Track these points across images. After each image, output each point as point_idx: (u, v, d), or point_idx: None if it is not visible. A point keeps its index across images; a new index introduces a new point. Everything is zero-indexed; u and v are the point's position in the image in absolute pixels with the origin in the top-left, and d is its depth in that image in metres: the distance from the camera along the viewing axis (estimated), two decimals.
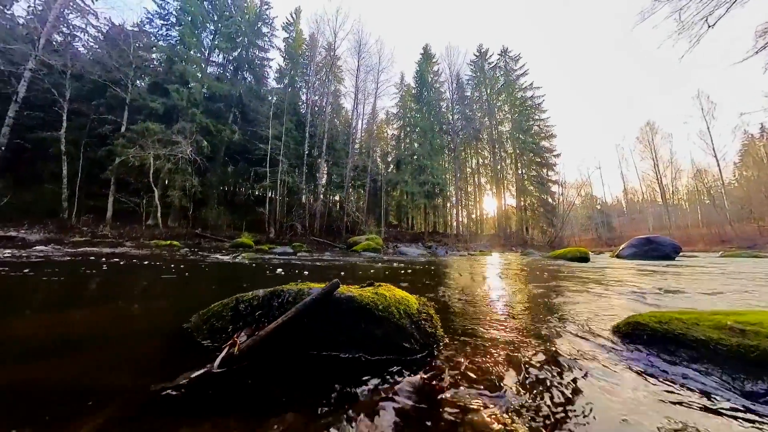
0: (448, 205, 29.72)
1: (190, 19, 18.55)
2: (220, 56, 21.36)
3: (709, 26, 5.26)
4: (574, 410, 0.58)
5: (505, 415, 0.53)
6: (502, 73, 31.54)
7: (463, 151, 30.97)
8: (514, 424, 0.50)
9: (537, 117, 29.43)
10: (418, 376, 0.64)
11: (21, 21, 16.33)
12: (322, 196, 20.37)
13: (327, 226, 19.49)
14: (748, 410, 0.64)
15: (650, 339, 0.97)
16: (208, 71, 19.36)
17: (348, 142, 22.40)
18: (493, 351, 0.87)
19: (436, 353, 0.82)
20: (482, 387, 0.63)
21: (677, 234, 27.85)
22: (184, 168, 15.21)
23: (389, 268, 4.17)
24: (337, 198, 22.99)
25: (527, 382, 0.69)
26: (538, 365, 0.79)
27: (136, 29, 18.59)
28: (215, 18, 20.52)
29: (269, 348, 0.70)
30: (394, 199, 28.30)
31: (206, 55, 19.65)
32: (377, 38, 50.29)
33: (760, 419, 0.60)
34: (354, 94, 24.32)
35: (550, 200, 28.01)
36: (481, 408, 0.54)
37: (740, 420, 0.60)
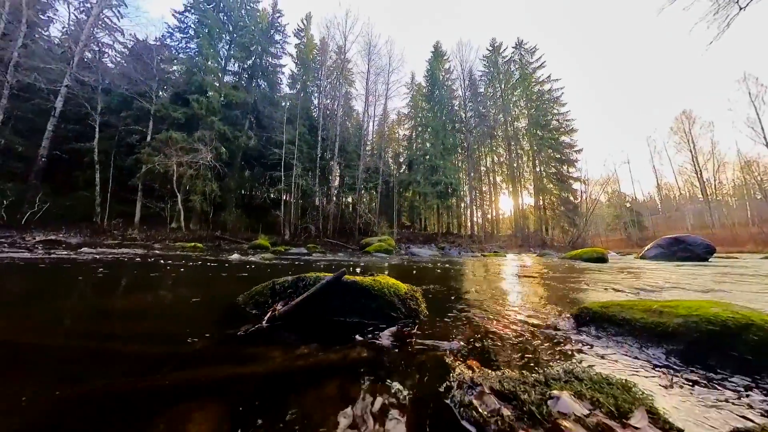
0: (462, 205, 29.44)
1: (207, 31, 19.75)
2: (236, 65, 22.52)
3: (741, 8, 5.11)
4: (507, 353, 0.88)
5: (447, 352, 0.84)
6: (517, 66, 30.74)
7: (477, 149, 30.56)
8: (451, 356, 0.81)
9: (555, 111, 28.53)
10: (396, 329, 0.96)
11: (56, 41, 18.07)
12: (335, 199, 20.97)
13: (340, 227, 20.04)
14: (643, 363, 0.91)
15: (591, 319, 1.24)
16: (224, 80, 20.50)
17: (360, 144, 22.92)
18: (462, 322, 1.18)
19: (416, 322, 1.13)
20: (441, 339, 0.94)
21: (721, 233, 25.74)
22: (204, 174, 16.23)
23: (398, 267, 4.51)
24: (349, 200, 23.56)
25: (477, 338, 0.99)
26: (493, 331, 1.09)
27: (158, 44, 20.05)
28: (230, 29, 21.70)
29: (299, 314, 1.04)
30: (407, 200, 28.45)
31: (223, 64, 20.81)
32: (387, 39, 50.85)
33: (644, 366, 0.88)
34: (365, 96, 24.86)
35: (571, 198, 27.08)
36: (432, 348, 0.86)
37: (627, 366, 0.88)
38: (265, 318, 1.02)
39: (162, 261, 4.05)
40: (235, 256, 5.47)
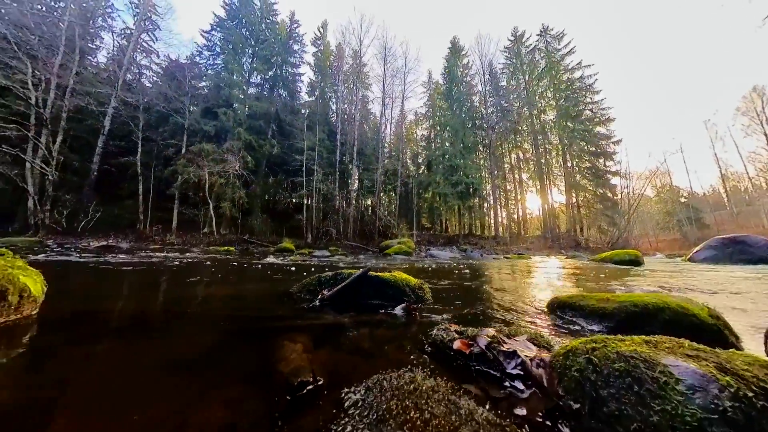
0: (485, 205, 28.64)
1: (231, 47, 21.44)
2: (258, 77, 24.13)
3: None
4: (481, 323, 1.31)
5: (438, 320, 1.30)
6: (542, 55, 29.01)
7: (500, 146, 29.60)
8: (439, 322, 1.27)
9: (588, 100, 26.71)
10: (405, 305, 1.44)
11: (102, 66, 20.52)
12: (354, 202, 21.75)
13: (360, 230, 20.77)
14: (576, 330, 1.32)
15: (558, 306, 1.64)
16: (248, 92, 22.09)
17: (377, 147, 23.55)
18: (456, 306, 1.63)
19: (421, 304, 1.60)
20: (436, 314, 1.40)
21: None
22: (233, 182, 17.66)
23: (417, 268, 4.96)
24: (368, 202, 24.24)
25: (463, 314, 1.44)
26: (478, 311, 1.53)
27: (188, 62, 22.07)
28: (252, 43, 23.34)
29: (339, 297, 1.55)
30: (426, 201, 28.36)
31: (246, 77, 22.43)
32: (402, 40, 51.31)
33: (574, 332, 1.28)
34: (381, 99, 25.46)
35: (609, 194, 25.09)
36: (428, 317, 1.32)
37: (572, 331, 1.29)
38: (317, 299, 1.54)
39: (209, 263, 4.81)
40: (270, 259, 6.21)
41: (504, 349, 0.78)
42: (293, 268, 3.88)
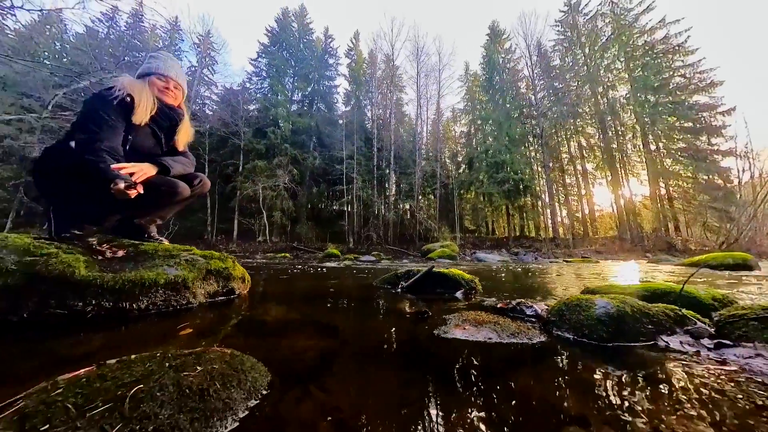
0: (539, 203, 25.85)
1: (275, 70, 24.01)
2: (299, 94, 26.47)
3: None
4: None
5: (487, 301, 1.82)
6: (607, 21, 24.60)
7: (554, 134, 26.41)
8: (488, 302, 1.79)
9: (679, 63, 21.25)
10: (463, 291, 1.99)
11: None
12: (393, 206, 22.51)
13: (400, 234, 21.43)
14: None
15: (588, 293, 2.03)
16: (291, 109, 24.43)
17: (414, 149, 24.04)
18: (503, 296, 2.12)
19: (474, 292, 2.12)
20: (488, 298, 1.92)
21: None
22: (282, 193, 19.72)
23: (465, 271, 5.40)
24: (407, 206, 24.78)
25: (511, 298, 1.93)
26: (521, 296, 2.01)
27: (240, 88, 25.25)
28: (293, 63, 25.78)
29: (413, 287, 2.15)
30: (468, 202, 27.47)
31: (289, 96, 24.84)
32: (435, 36, 51.16)
33: None
34: (416, 100, 25.81)
35: (719, 181, 19.49)
36: (480, 300, 1.84)
37: None
38: (398, 288, 2.17)
39: (284, 266, 5.86)
40: (327, 264, 7.16)
41: (526, 306, 1.34)
42: (355, 271, 4.63)
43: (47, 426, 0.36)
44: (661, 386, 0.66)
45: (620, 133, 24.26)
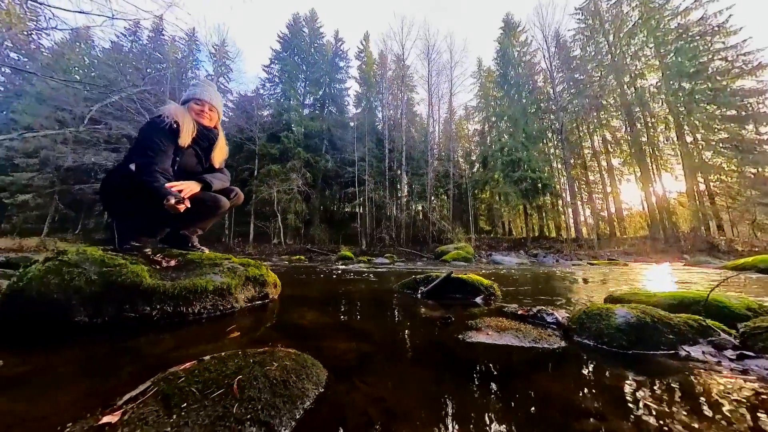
0: (560, 202, 24.79)
1: (287, 75, 24.67)
2: (311, 98, 27.06)
3: None
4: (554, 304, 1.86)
5: (507, 307, 1.89)
6: (634, 4, 23.11)
7: (575, 129, 25.27)
8: (508, 308, 1.86)
9: (719, 45, 19.47)
10: (482, 297, 2.06)
11: None
12: (405, 208, 22.57)
13: (412, 236, 21.45)
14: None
15: (611, 300, 2.05)
16: (303, 113, 25.01)
17: (426, 150, 24.00)
18: (523, 301, 2.18)
19: (493, 298, 2.19)
20: (508, 304, 1.99)
21: None
22: (296, 197, 20.21)
23: (481, 275, 5.42)
24: (420, 207, 24.76)
25: (531, 305, 1.99)
26: (541, 302, 2.06)
27: (254, 95, 26.12)
28: (304, 68, 26.40)
29: (432, 291, 2.25)
30: (483, 202, 27.10)
31: (301, 100, 25.45)
32: (446, 33, 50.86)
33: None
34: (427, 99, 25.76)
35: None
36: (499, 305, 1.91)
37: None
38: (418, 293, 2.28)
39: (303, 269, 6.07)
40: (343, 266, 7.34)
41: (546, 313, 1.41)
42: (372, 275, 4.75)
43: (185, 404, 0.49)
44: (676, 390, 0.74)
45: (650, 125, 22.47)
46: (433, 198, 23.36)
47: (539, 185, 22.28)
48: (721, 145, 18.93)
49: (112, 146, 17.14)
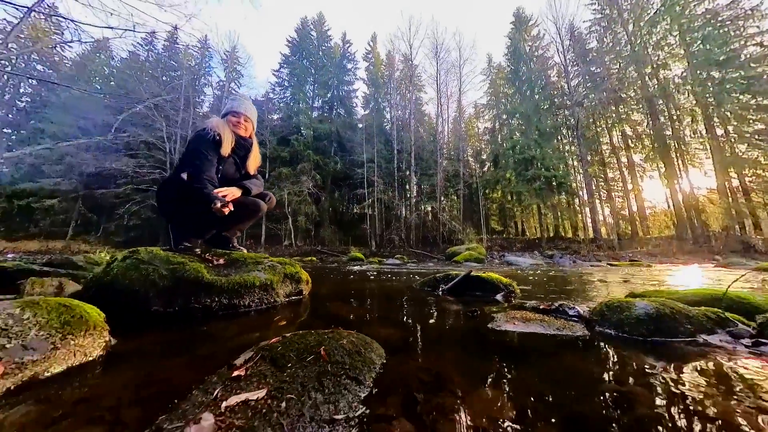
0: (576, 201, 23.97)
1: (296, 79, 25.17)
2: (319, 101, 27.48)
3: None
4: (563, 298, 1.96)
5: (526, 303, 1.99)
6: None
7: (592, 124, 24.51)
8: (529, 304, 1.96)
9: (753, 30, 18.38)
10: (503, 294, 2.17)
11: (203, 113, 26.35)
12: (415, 208, 22.63)
13: (422, 237, 21.49)
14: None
15: (632, 296, 2.12)
16: (312, 116, 25.45)
17: (435, 149, 24.01)
18: (542, 299, 2.27)
19: (512, 295, 2.29)
20: (528, 301, 2.08)
21: None
22: (306, 199, 20.58)
23: (500, 273, 5.48)
24: (429, 208, 24.75)
25: (551, 299, 2.08)
26: (560, 298, 2.15)
27: (264, 99, 26.74)
28: (313, 71, 26.86)
29: (453, 289, 2.37)
30: (495, 201, 26.81)
31: (310, 103, 25.90)
32: (455, 31, 50.55)
33: None
34: (436, 98, 25.71)
35: None
36: (519, 302, 2.02)
37: None
38: (439, 290, 2.40)
39: (318, 271, 6.26)
40: (360, 267, 7.50)
41: (568, 307, 1.51)
42: (387, 275, 4.89)
43: (290, 364, 0.64)
44: (692, 366, 0.84)
45: (675, 117, 21.35)
46: (442, 198, 23.33)
47: (554, 184, 21.74)
48: (756, 137, 17.65)
49: (131, 152, 17.92)
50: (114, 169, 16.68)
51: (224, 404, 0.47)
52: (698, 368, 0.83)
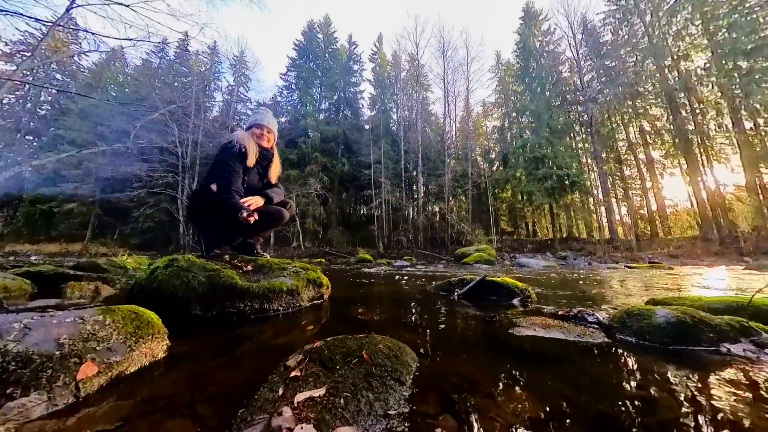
0: (590, 200, 23.24)
1: (303, 82, 25.51)
2: (326, 103, 27.79)
3: None
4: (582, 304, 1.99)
5: (544, 309, 2.03)
6: None
7: (607, 120, 23.64)
8: (546, 310, 2.00)
9: None
10: (519, 299, 2.21)
11: (213, 117, 26.97)
12: (422, 209, 22.62)
13: (430, 238, 21.47)
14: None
15: (653, 303, 2.13)
16: (319, 118, 25.75)
17: (443, 149, 23.96)
18: (559, 304, 2.30)
19: (528, 300, 2.33)
20: (545, 306, 2.12)
21: None
22: (314, 201, 20.84)
23: (511, 277, 5.48)
24: (437, 209, 24.70)
25: (561, 305, 2.11)
26: (578, 305, 2.17)
27: (272, 102, 27.20)
28: (319, 74, 27.19)
29: (468, 294, 2.42)
30: (504, 201, 26.58)
31: (317, 105, 26.21)
32: (462, 29, 50.10)
33: None
34: (443, 98, 25.65)
35: None
36: (536, 306, 2.05)
37: None
38: (454, 295, 2.46)
39: (330, 273, 6.38)
40: (370, 269, 7.60)
41: (587, 313, 1.55)
42: (398, 277, 4.96)
43: (338, 366, 0.72)
44: (714, 374, 0.88)
45: (698, 111, 20.40)
46: (451, 199, 23.23)
47: (566, 182, 21.12)
48: None
49: (144, 157, 18.49)
50: (128, 173, 17.25)
51: (296, 399, 0.55)
52: (720, 377, 0.87)
